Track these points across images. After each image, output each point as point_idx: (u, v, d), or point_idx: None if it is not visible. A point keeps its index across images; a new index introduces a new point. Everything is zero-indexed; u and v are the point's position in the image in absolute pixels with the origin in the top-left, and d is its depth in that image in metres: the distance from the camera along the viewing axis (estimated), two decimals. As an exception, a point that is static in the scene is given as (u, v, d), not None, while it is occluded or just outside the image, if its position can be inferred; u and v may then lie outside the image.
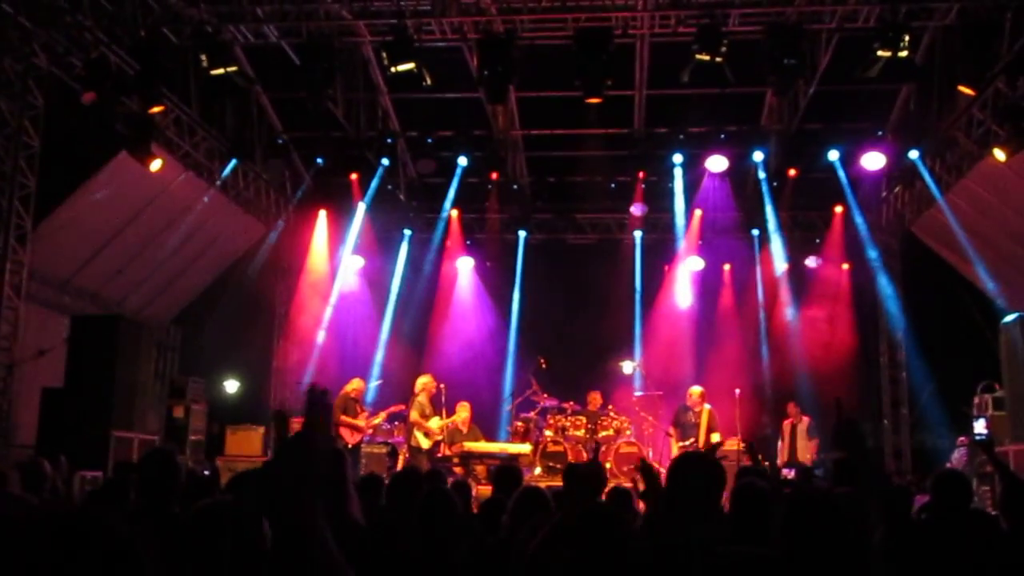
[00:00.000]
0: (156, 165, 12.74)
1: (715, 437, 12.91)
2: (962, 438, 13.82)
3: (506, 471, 6.80)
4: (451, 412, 13.50)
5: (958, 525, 4.53)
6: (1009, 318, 12.58)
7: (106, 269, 14.65)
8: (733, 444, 13.26)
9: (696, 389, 13.54)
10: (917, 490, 8.73)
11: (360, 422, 13.04)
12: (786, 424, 14.46)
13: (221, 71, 11.21)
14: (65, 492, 7.72)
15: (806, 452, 14.02)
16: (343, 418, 12.93)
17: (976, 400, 13.56)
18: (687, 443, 13.09)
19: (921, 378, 16.53)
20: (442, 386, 13.57)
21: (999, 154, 12.07)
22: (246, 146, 14.90)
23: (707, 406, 13.27)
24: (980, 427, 13.00)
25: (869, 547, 3.89)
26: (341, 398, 13.16)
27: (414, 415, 12.94)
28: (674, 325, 16.66)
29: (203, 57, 11.26)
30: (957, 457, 13.66)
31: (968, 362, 14.25)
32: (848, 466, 5.80)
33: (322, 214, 17.01)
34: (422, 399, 13.09)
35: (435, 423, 13.01)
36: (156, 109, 12.26)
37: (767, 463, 12.26)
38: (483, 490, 9.94)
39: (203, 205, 15.16)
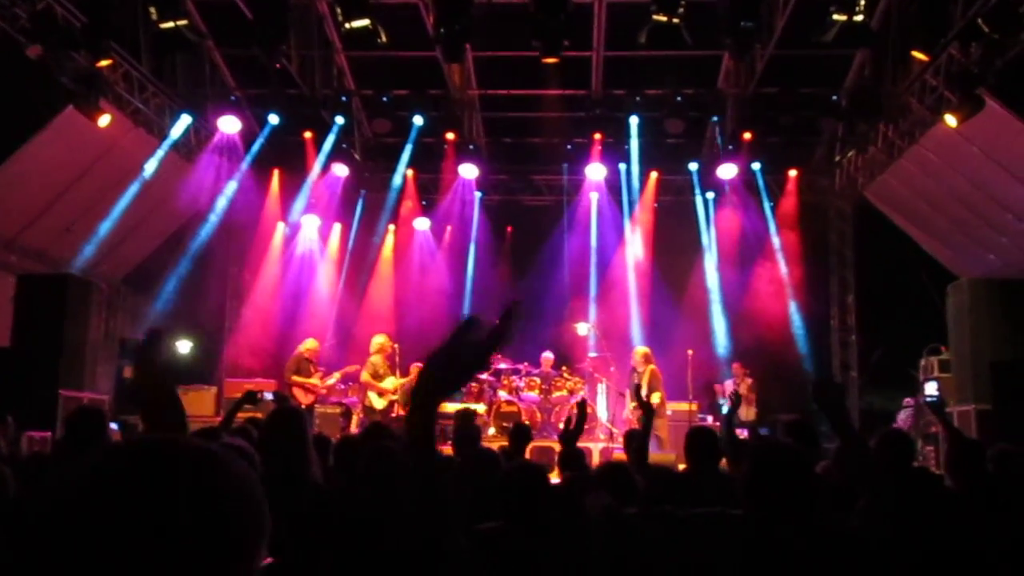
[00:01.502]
0: (104, 120, 12.48)
1: (655, 397, 12.90)
2: (908, 399, 14.09)
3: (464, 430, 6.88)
4: (405, 373, 13.49)
5: (902, 482, 4.62)
6: (956, 282, 12.83)
7: (54, 227, 14.36)
8: (684, 405, 13.38)
9: (640, 349, 13.57)
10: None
11: (314, 381, 13.00)
12: (728, 384, 14.31)
13: (171, 24, 10.98)
14: (11, 453, 7.60)
15: (750, 413, 13.90)
16: (295, 378, 12.89)
17: (922, 362, 13.84)
18: (631, 408, 13.09)
19: (871, 341, 16.80)
20: (396, 346, 13.55)
21: (950, 120, 12.20)
22: (198, 102, 14.64)
23: (651, 367, 13.28)
24: (932, 389, 13.27)
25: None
26: (294, 358, 13.11)
27: (365, 375, 12.93)
28: (629, 287, 16.74)
29: (152, 10, 11.01)
30: (903, 418, 13.95)
31: (917, 326, 14.52)
32: (801, 427, 5.89)
33: (276, 173, 16.80)
34: (375, 359, 13.07)
35: (390, 383, 13.00)
36: (104, 63, 12.00)
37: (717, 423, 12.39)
38: (444, 450, 9.97)
39: (153, 162, 14.90)
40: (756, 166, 16.07)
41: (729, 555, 2.94)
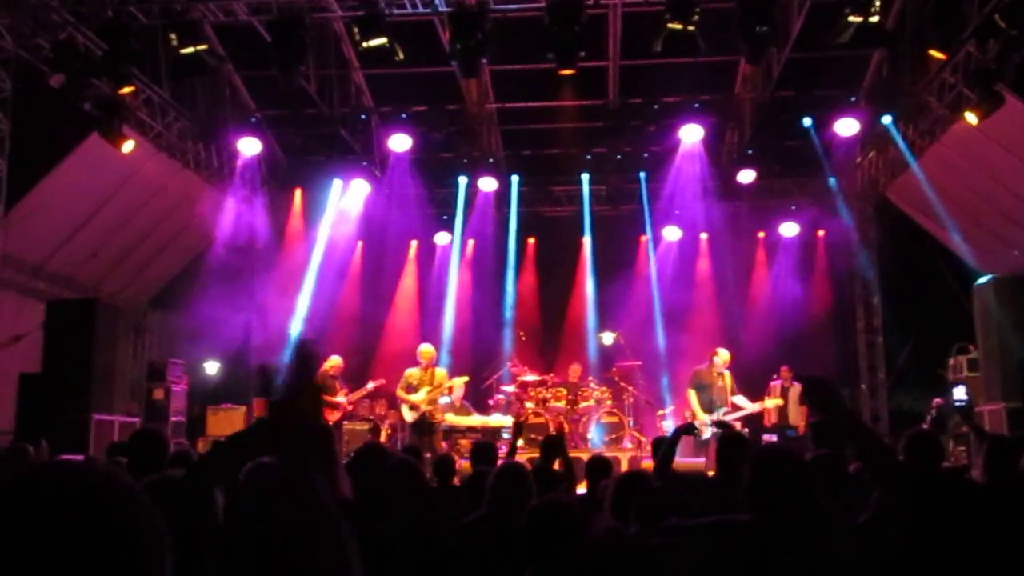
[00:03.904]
0: (128, 147, 12.62)
1: (740, 400, 12.80)
2: (937, 400, 13.96)
3: (482, 446, 6.88)
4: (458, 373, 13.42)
5: (931, 482, 4.60)
6: (982, 280, 12.74)
7: (80, 253, 14.55)
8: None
9: (726, 353, 13.08)
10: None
11: (339, 399, 13.01)
12: (774, 386, 13.79)
13: (191, 50, 11.08)
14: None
15: (799, 418, 13.56)
16: (323, 396, 12.90)
17: (951, 362, 13.73)
18: (720, 413, 12.69)
19: (897, 342, 16.70)
20: (432, 354, 13.47)
21: (971, 117, 12.13)
22: (219, 125, 14.79)
23: (728, 371, 13.04)
24: (960, 394, 13.15)
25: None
26: (319, 376, 13.14)
27: (398, 390, 12.87)
28: (652, 295, 16.74)
29: (172, 36, 11.13)
30: (931, 419, 13.82)
31: (943, 325, 14.42)
32: (826, 428, 5.88)
33: (297, 192, 16.93)
34: (410, 372, 12.90)
35: (421, 395, 12.79)
36: (126, 90, 12.13)
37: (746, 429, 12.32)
38: (467, 465, 9.99)
39: (177, 186, 15.08)
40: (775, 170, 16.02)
41: (731, 563, 2.95)
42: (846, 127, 14.61)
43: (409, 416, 12.74)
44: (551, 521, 3.23)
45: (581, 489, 6.97)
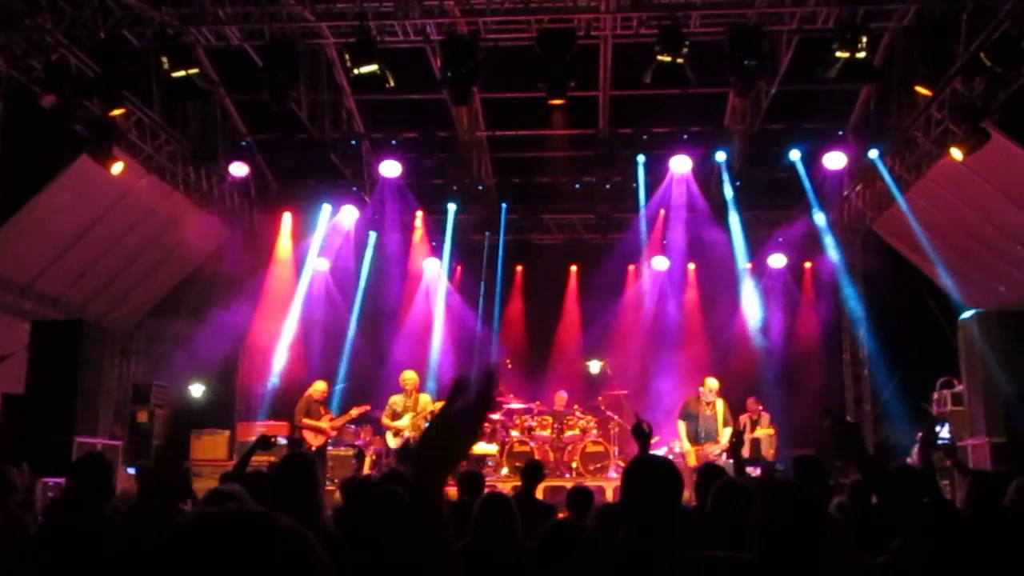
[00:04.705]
0: (118, 168, 12.64)
1: (726, 434, 12.74)
2: (921, 433, 13.98)
3: (469, 476, 6.88)
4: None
5: (913, 516, 4.60)
6: (967, 314, 12.81)
7: (68, 273, 14.50)
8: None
9: (714, 382, 13.18)
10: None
11: (323, 424, 12.97)
12: (744, 419, 13.98)
13: (183, 73, 11.11)
14: (25, 500, 7.63)
15: (770, 448, 13.90)
16: (305, 421, 12.87)
17: (935, 396, 13.77)
18: (706, 445, 12.70)
19: (883, 375, 16.74)
20: (416, 380, 13.47)
21: (956, 153, 12.26)
22: (209, 148, 14.80)
23: (720, 400, 13.10)
24: (944, 432, 13.19)
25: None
26: (304, 401, 13.13)
27: (384, 418, 12.89)
28: (639, 324, 16.76)
29: (164, 59, 11.16)
30: (917, 452, 13.83)
31: (929, 358, 14.47)
32: (808, 462, 5.88)
33: (286, 216, 16.94)
34: (394, 399, 12.95)
35: (405, 421, 12.82)
36: (117, 112, 12.16)
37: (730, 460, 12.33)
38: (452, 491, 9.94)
39: (166, 208, 15.08)
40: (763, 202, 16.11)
41: None
42: (834, 160, 14.73)
43: (393, 443, 12.76)
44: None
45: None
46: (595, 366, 15.74)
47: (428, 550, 1.73)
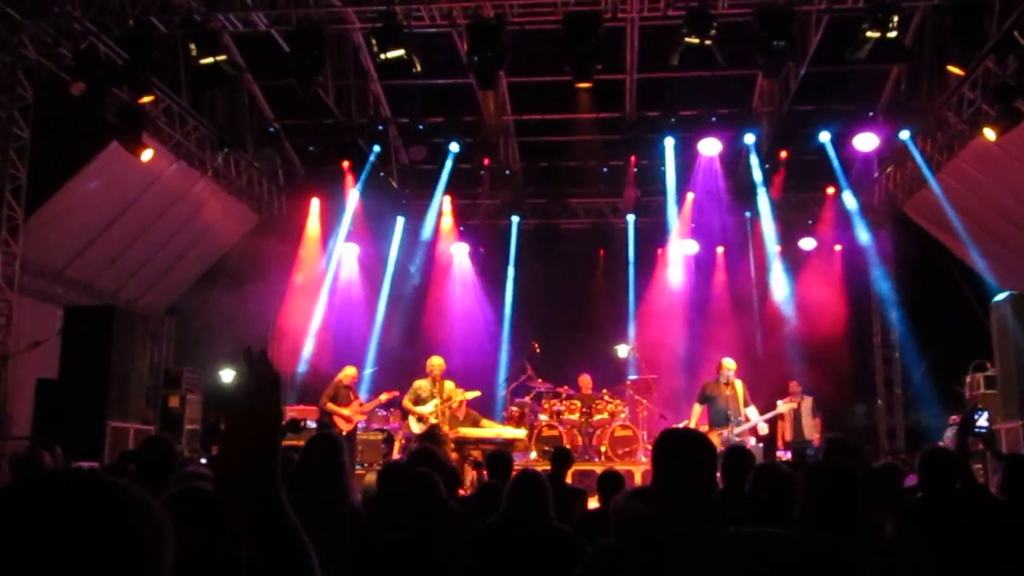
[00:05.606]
0: (147, 155, 12.73)
1: (751, 412, 12.37)
2: (954, 416, 13.87)
3: (497, 456, 6.89)
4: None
5: (947, 499, 4.58)
6: (1000, 297, 12.63)
7: (99, 260, 14.65)
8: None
9: (731, 362, 12.70)
10: (909, 469, 8.77)
11: (347, 411, 12.91)
12: (786, 402, 13.49)
13: (210, 60, 11.16)
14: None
15: (813, 431, 13.63)
16: (331, 406, 12.84)
17: (967, 379, 13.64)
18: (728, 429, 12.38)
19: (914, 358, 16.60)
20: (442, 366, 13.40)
21: (989, 133, 12.09)
22: (237, 134, 14.87)
23: (739, 380, 12.87)
24: (983, 420, 13.02)
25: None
26: (332, 386, 13.11)
27: (406, 401, 12.81)
28: (668, 308, 16.69)
29: (192, 46, 11.21)
30: (950, 435, 13.71)
31: (961, 341, 14.31)
32: (842, 444, 5.85)
33: (315, 202, 17.01)
34: (419, 383, 12.82)
35: (429, 407, 12.74)
36: (146, 99, 12.27)
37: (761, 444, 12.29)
38: (475, 474, 9.99)
39: (195, 194, 15.18)
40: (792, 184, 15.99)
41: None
42: (864, 142, 14.57)
43: (416, 428, 12.62)
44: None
45: (593, 503, 6.96)
46: (622, 350, 15.70)
47: (293, 552, 1.72)
